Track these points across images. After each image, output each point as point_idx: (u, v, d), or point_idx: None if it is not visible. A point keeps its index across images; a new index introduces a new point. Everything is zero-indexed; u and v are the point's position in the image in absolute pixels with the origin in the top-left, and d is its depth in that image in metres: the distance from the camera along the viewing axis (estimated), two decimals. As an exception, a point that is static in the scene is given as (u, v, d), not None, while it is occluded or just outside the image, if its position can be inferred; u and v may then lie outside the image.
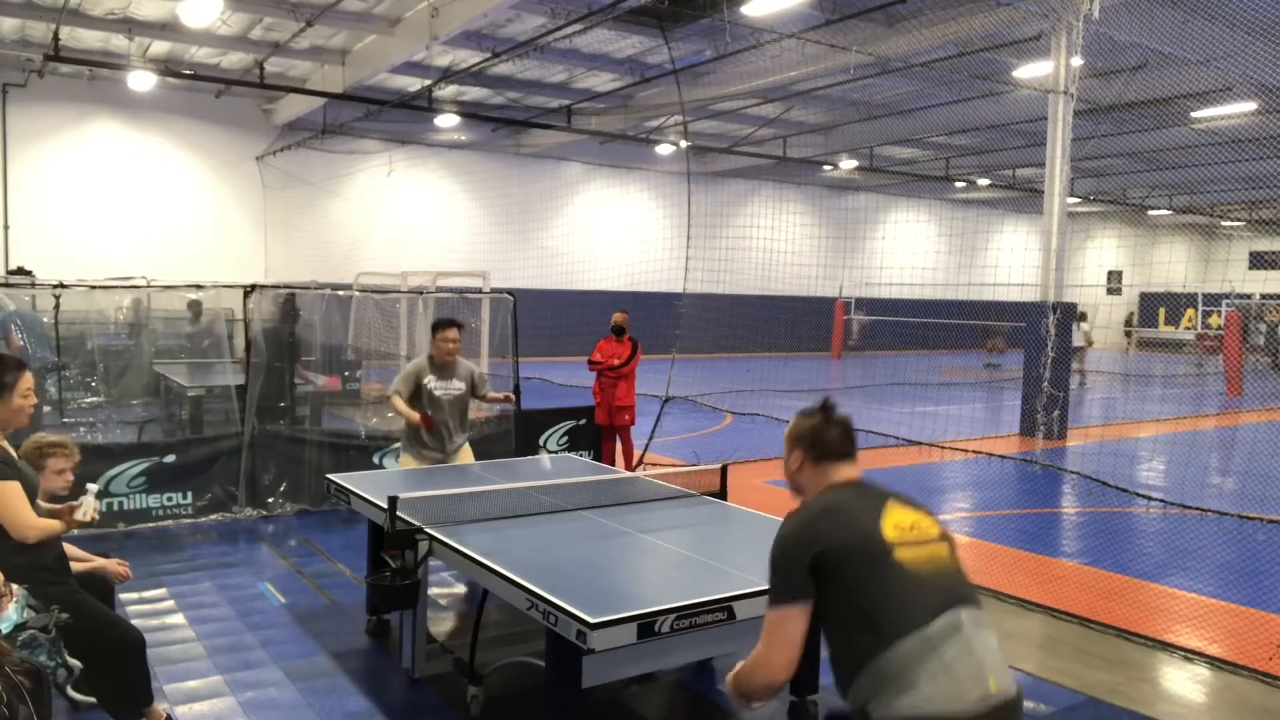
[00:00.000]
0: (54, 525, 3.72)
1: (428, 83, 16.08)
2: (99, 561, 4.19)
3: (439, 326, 6.25)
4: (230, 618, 5.53)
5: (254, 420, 8.00)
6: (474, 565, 3.90)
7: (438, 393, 6.20)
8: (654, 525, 4.55)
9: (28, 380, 3.72)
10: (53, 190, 18.49)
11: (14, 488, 3.58)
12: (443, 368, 6.25)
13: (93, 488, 3.93)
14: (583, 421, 9.65)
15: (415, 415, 6.09)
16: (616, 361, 9.25)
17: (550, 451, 7.42)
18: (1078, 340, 18.47)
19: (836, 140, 21.80)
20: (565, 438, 9.53)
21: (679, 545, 4.25)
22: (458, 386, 6.27)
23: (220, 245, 19.96)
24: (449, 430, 6.28)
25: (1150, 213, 28.43)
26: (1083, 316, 20.67)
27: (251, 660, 4.91)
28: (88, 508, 3.83)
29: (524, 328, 9.84)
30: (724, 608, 3.40)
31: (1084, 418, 14.26)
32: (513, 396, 6.41)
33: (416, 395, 6.22)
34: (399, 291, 13.94)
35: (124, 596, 5.62)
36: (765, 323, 23.10)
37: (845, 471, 2.56)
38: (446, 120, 18.23)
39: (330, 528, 7.59)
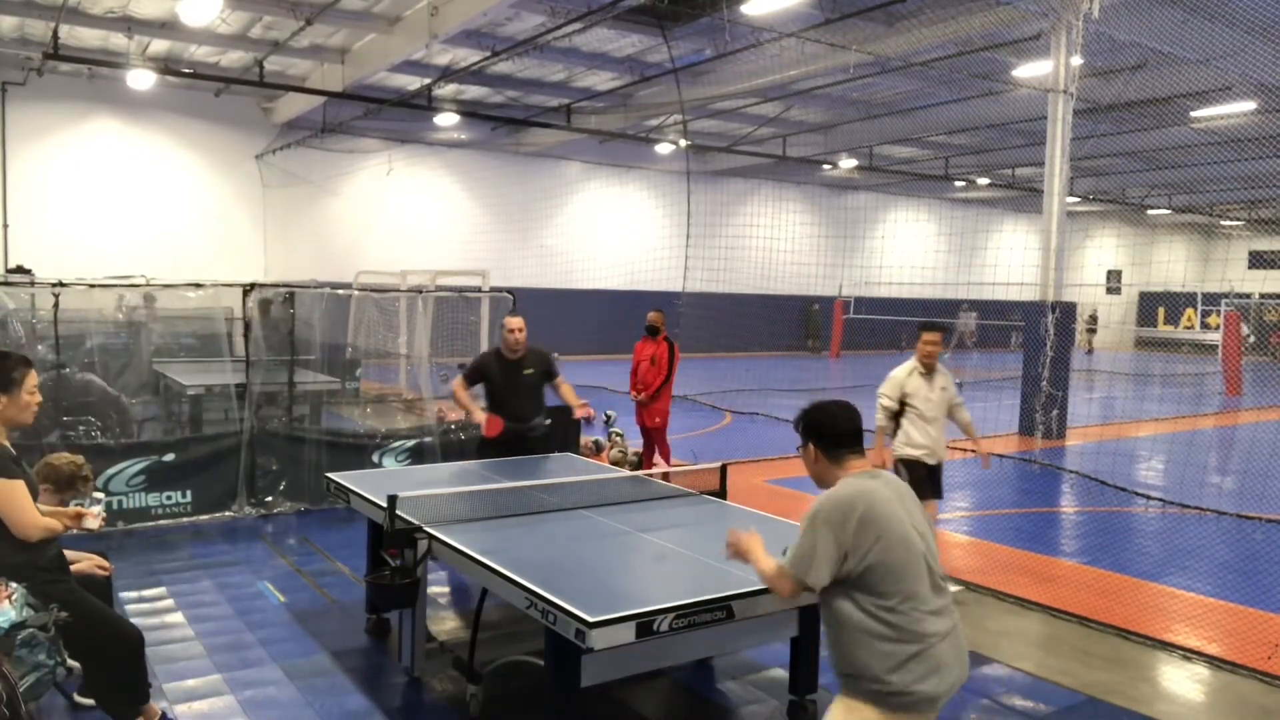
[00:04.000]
0: (56, 525, 3.74)
1: (427, 81, 16.07)
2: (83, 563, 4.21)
3: None
4: (229, 616, 5.53)
5: (253, 419, 8.00)
6: (473, 564, 3.90)
7: None
8: (653, 525, 4.55)
9: (34, 377, 3.75)
10: (52, 189, 18.47)
11: (19, 486, 3.60)
12: None
13: (101, 497, 3.97)
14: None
15: None
16: (653, 377, 9.06)
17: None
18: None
19: (836, 139, 21.78)
20: None
21: (678, 545, 4.25)
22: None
23: (220, 244, 19.94)
24: None
25: (1149, 212, 28.41)
26: None
27: (251, 659, 4.92)
28: (94, 518, 3.85)
29: (523, 326, 9.80)
30: (723, 607, 3.40)
31: (1084, 417, 14.26)
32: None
33: None
34: (398, 290, 13.92)
35: (123, 595, 5.63)
36: (765, 321, 23.10)
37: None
38: (446, 119, 18.21)
39: (330, 526, 7.59)
